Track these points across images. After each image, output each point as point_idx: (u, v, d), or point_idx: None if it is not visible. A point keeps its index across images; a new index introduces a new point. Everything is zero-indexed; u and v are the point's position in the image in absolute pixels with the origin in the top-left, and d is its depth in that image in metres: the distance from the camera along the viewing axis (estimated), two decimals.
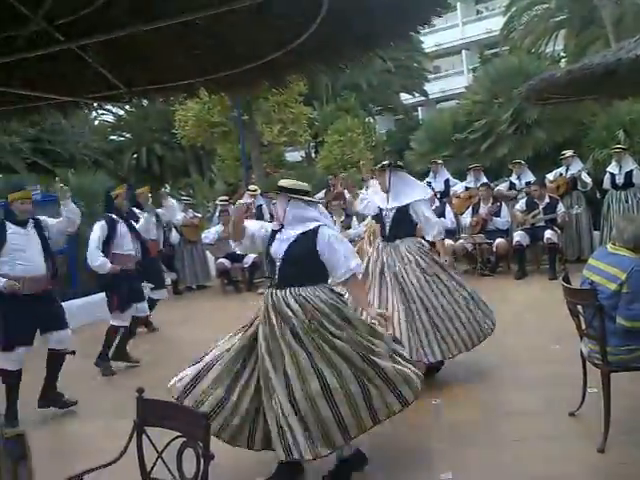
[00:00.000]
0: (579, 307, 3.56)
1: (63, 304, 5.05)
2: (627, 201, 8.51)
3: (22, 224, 4.66)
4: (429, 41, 28.94)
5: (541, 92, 6.22)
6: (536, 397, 4.16)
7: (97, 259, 5.58)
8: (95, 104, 2.98)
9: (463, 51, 32.52)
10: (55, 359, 4.78)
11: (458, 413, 4.09)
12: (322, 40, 2.01)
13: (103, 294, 6.01)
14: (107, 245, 5.66)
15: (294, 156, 22.69)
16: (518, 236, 8.49)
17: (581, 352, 3.70)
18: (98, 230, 5.66)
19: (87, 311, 7.44)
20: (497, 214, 8.89)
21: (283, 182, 3.35)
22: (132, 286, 5.86)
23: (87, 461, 2.49)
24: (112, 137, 25.38)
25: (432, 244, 5.00)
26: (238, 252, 9.16)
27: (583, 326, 3.56)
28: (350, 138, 16.60)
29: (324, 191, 10.59)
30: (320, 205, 3.46)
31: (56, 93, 2.87)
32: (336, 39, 2.11)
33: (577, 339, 3.74)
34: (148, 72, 3.08)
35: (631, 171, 8.48)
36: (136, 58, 2.80)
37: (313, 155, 21.24)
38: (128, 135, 25.32)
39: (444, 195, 9.59)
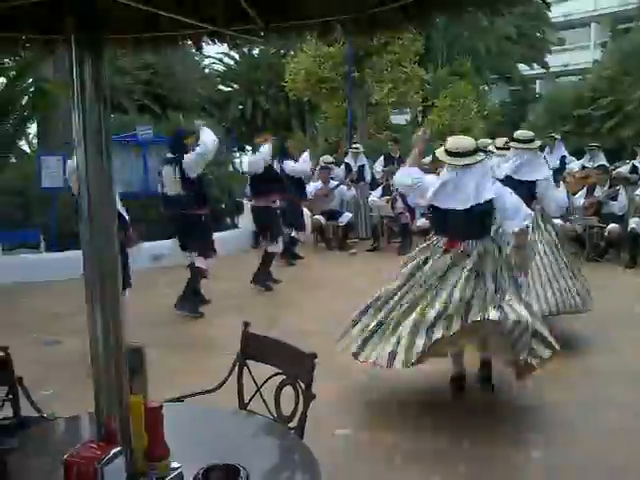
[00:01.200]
0: None
1: None
2: None
3: None
4: (557, 11, 27.11)
5: None
6: None
7: None
8: (230, 39, 2.98)
9: (592, 24, 30.19)
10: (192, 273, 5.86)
11: (556, 395, 3.95)
12: None
13: None
14: None
15: (399, 119, 22.24)
16: (634, 223, 7.96)
17: None
18: None
19: None
20: (614, 198, 8.34)
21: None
22: None
23: (180, 390, 2.37)
24: (220, 87, 25.97)
25: None
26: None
27: None
28: (462, 104, 16.01)
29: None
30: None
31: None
32: None
33: None
34: (285, 8, 3.08)
35: None
36: None
37: (420, 119, 20.73)
38: (236, 86, 25.81)
39: (559, 172, 9.09)
